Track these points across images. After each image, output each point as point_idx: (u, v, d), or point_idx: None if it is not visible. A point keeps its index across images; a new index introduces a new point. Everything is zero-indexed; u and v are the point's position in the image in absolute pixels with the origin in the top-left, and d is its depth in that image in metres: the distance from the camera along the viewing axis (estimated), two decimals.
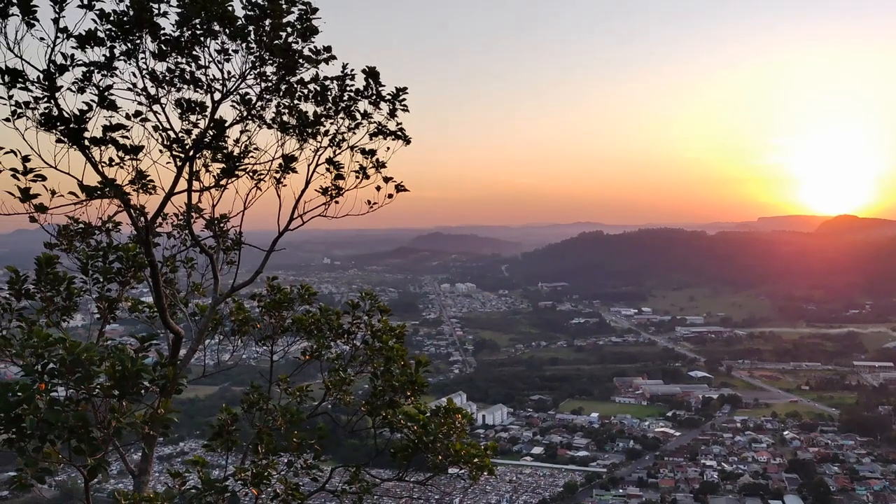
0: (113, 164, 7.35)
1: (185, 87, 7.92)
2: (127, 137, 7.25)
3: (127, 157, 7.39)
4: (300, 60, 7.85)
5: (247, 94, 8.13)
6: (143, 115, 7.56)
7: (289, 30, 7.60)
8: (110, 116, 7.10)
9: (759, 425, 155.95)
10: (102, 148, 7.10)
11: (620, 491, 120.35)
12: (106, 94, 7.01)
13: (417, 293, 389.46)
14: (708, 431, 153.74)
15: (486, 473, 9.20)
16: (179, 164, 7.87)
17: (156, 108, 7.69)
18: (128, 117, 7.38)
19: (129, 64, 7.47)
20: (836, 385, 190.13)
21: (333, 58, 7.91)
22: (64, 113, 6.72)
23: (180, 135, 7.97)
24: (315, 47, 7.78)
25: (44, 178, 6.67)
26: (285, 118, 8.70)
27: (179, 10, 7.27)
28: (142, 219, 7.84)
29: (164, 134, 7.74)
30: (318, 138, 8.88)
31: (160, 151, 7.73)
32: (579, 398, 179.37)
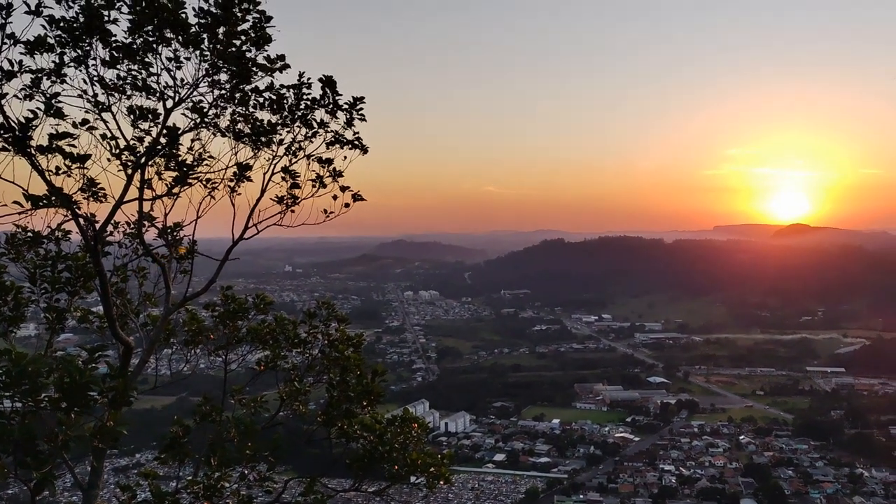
0: (60, 172, 7.21)
1: (137, 94, 7.82)
2: (73, 146, 7.12)
3: (74, 165, 7.25)
4: (254, 69, 7.80)
5: (200, 101, 8.05)
6: (91, 124, 7.43)
7: (243, 38, 7.55)
8: (57, 125, 6.97)
9: (716, 430, 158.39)
10: (49, 156, 6.97)
11: (581, 496, 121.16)
12: (53, 101, 6.88)
13: (381, 301, 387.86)
14: (666, 436, 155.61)
15: (442, 482, 9.19)
16: (130, 172, 7.75)
17: (106, 115, 7.57)
18: (74, 126, 7.25)
19: (80, 71, 7.35)
20: (789, 390, 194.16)
21: (287, 66, 7.87)
22: (9, 121, 6.58)
23: (132, 142, 7.86)
24: (269, 56, 7.75)
25: None
26: (240, 126, 8.63)
27: (131, 17, 7.18)
28: (90, 228, 7.70)
29: (111, 142, 7.61)
30: (274, 147, 8.83)
31: (108, 160, 7.61)
32: (541, 405, 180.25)
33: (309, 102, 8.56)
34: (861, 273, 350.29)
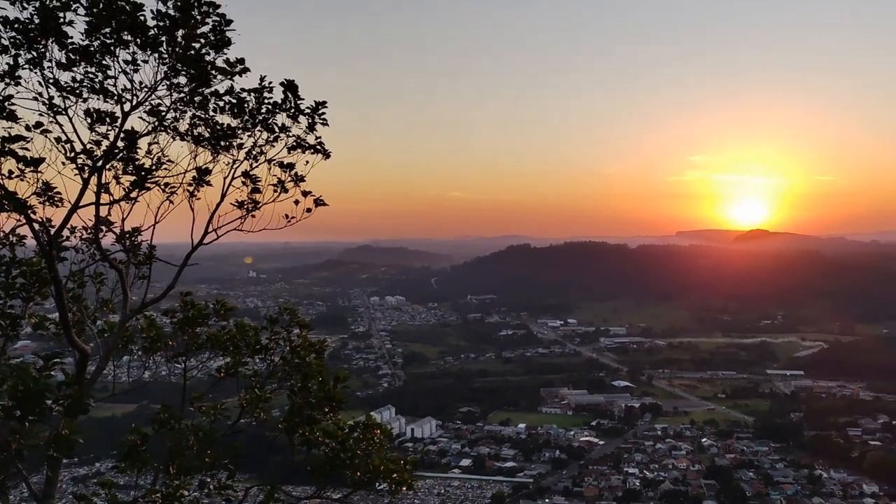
0: (13, 176, 7.07)
1: (94, 97, 7.70)
2: (27, 149, 6.99)
3: (28, 169, 7.11)
4: (213, 72, 7.73)
5: (159, 105, 7.96)
6: (46, 127, 7.29)
7: (202, 41, 7.47)
8: (10, 127, 6.84)
9: (679, 433, 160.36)
10: (2, 160, 6.83)
11: (547, 501, 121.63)
12: (6, 104, 6.75)
13: (346, 306, 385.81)
14: (630, 440, 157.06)
15: (405, 488, 9.17)
16: (86, 175, 7.62)
17: (62, 118, 7.45)
18: (28, 129, 7.12)
19: (35, 73, 7.22)
20: (750, 393, 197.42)
21: (247, 70, 7.82)
22: None
23: (89, 146, 7.74)
24: (229, 59, 7.68)
25: None
26: (199, 130, 8.54)
27: (88, 19, 7.07)
28: (45, 232, 7.55)
29: (66, 146, 7.48)
30: (234, 151, 8.74)
31: (62, 163, 7.47)
32: (507, 409, 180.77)
33: (270, 106, 8.49)
34: (819, 278, 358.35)
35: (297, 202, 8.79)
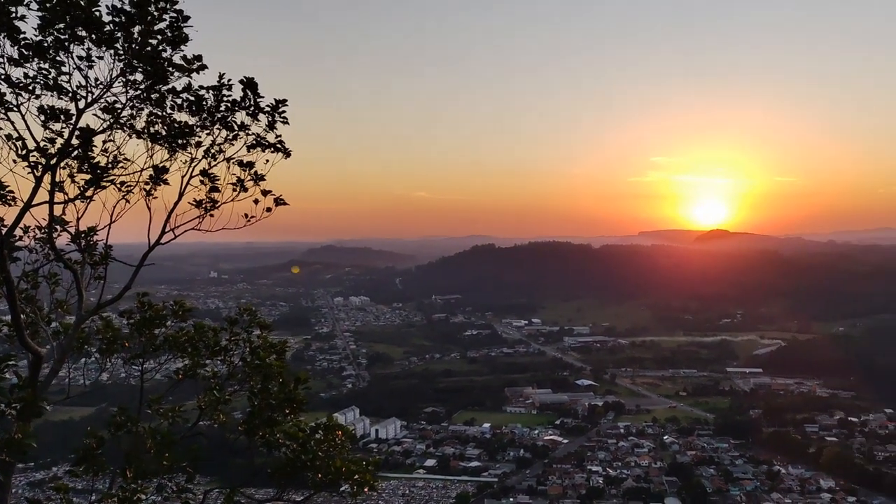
0: None
1: (48, 93, 7.54)
2: None
3: None
4: (170, 69, 7.61)
5: (115, 102, 7.82)
6: None
7: (159, 37, 7.36)
8: None
9: (641, 430, 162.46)
10: None
11: (511, 500, 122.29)
12: None
13: (310, 307, 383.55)
14: (594, 438, 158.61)
15: (367, 489, 9.13)
16: (39, 173, 7.45)
17: (14, 115, 7.27)
18: None
19: None
20: (710, 390, 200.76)
21: (205, 67, 7.72)
22: None
23: (42, 144, 7.57)
24: (186, 56, 7.58)
25: None
26: (156, 128, 8.41)
27: (41, 14, 6.93)
28: None
29: (18, 143, 7.31)
30: (191, 149, 8.62)
31: (14, 161, 7.30)
32: (472, 409, 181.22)
33: (229, 104, 8.39)
34: (777, 277, 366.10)
35: (256, 201, 8.70)
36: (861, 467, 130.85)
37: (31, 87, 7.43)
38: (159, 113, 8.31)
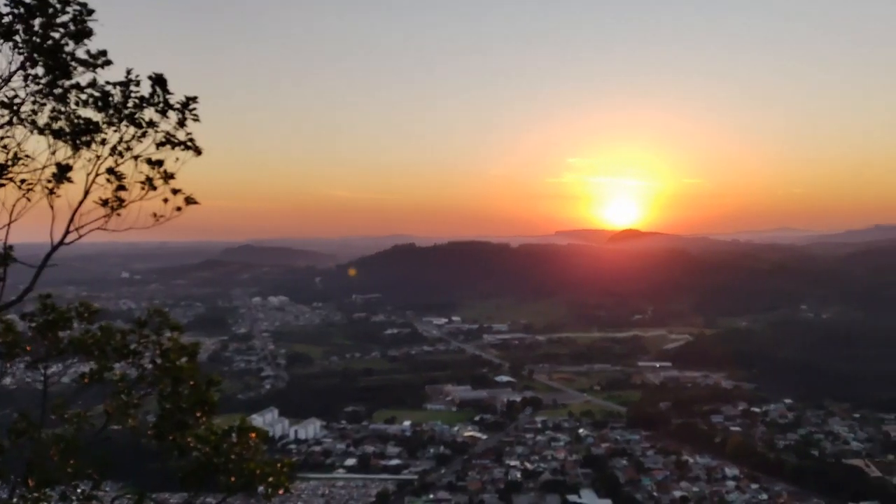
0: None
1: None
2: None
3: None
4: (74, 63, 7.37)
5: (14, 97, 7.51)
6: None
7: (61, 30, 7.12)
8: None
9: (558, 425, 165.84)
10: None
11: (431, 496, 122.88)
12: None
13: (227, 307, 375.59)
14: (512, 433, 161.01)
15: (281, 491, 9.07)
16: None
17: None
18: None
19: None
20: (623, 384, 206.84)
21: (110, 62, 7.51)
22: None
23: None
24: (90, 50, 7.35)
25: None
26: (60, 124, 8.11)
27: None
28: None
29: None
30: (97, 146, 8.36)
31: None
32: (393, 408, 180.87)
33: (137, 101, 8.19)
34: (685, 275, 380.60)
35: (166, 200, 8.51)
36: (763, 455, 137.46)
37: None
38: (62, 109, 8.02)
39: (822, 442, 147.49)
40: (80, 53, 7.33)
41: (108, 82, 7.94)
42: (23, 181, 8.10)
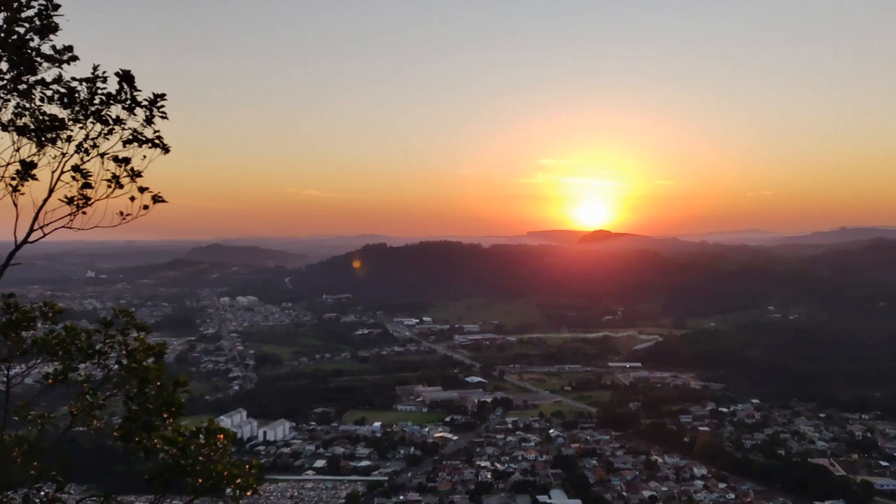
0: None
1: None
2: None
3: None
4: (39, 59, 7.25)
5: None
6: None
7: (26, 25, 6.99)
8: None
9: (528, 425, 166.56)
10: None
11: (401, 497, 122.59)
12: None
13: (195, 307, 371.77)
14: (483, 434, 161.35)
15: (249, 493, 8.99)
16: None
17: None
18: None
19: None
20: (593, 385, 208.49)
21: (76, 58, 7.40)
22: None
23: None
24: (56, 46, 7.23)
25: None
26: (24, 121, 7.96)
27: None
28: None
29: None
30: (62, 143, 8.21)
31: None
32: (363, 408, 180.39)
33: (104, 97, 8.07)
34: (655, 276, 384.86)
35: (133, 198, 8.39)
36: (731, 455, 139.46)
37: None
38: (27, 105, 7.87)
39: (789, 441, 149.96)
40: (46, 49, 7.22)
41: (74, 78, 7.82)
42: None
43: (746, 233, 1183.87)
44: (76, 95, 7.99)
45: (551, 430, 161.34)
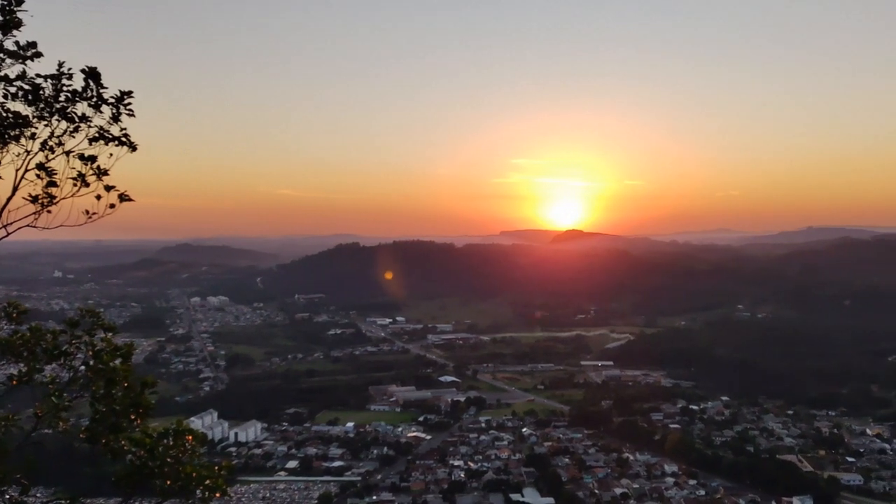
0: None
1: None
2: None
3: None
4: (1, 55, 7.12)
5: None
6: None
7: None
8: None
9: (501, 424, 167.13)
10: None
11: (374, 497, 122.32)
12: None
13: (164, 307, 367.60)
14: (456, 433, 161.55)
15: (218, 495, 8.92)
16: None
17: None
18: None
19: None
20: (566, 383, 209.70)
21: (40, 54, 7.28)
22: None
23: None
24: (19, 41, 7.11)
25: None
26: None
27: None
28: None
29: None
30: (26, 141, 8.07)
31: None
32: (336, 409, 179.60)
33: (69, 94, 7.95)
34: (626, 275, 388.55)
35: (99, 197, 8.27)
36: (701, 452, 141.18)
37: None
38: None
39: (758, 438, 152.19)
40: (9, 45, 7.10)
41: (38, 75, 7.70)
42: None
43: (716, 232, 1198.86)
44: (41, 92, 7.87)
45: (524, 429, 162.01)
